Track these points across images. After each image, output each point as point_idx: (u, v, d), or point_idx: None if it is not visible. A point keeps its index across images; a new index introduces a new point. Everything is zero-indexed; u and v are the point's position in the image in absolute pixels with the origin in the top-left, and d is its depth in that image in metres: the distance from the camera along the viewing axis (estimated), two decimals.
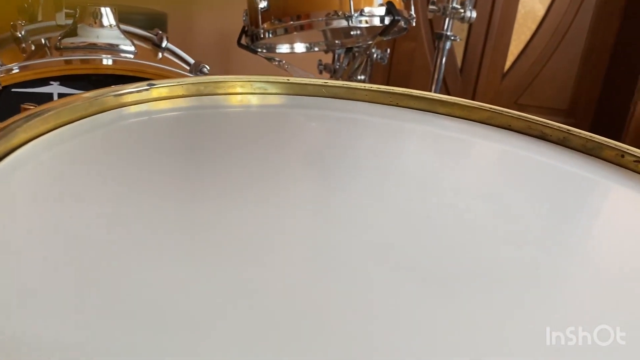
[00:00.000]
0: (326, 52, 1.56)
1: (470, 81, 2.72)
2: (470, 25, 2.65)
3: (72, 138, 0.37)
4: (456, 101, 0.58)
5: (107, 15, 0.96)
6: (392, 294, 0.24)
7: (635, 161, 0.49)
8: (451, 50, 2.58)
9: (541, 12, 2.73)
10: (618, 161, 0.50)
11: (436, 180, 0.41)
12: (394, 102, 0.58)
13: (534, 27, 2.78)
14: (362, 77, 1.52)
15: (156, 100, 0.46)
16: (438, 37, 1.58)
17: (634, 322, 0.25)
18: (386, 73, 2.61)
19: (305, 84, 0.55)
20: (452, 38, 1.59)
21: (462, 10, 1.49)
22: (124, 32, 1.01)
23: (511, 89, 2.73)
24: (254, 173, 0.37)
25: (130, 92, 0.45)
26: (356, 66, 1.42)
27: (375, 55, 1.46)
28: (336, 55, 1.58)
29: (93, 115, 0.42)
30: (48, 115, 0.37)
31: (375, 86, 0.59)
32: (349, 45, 1.50)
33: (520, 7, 2.66)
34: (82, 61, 0.92)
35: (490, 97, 2.67)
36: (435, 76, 1.65)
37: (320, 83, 0.56)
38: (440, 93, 0.60)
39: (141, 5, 1.65)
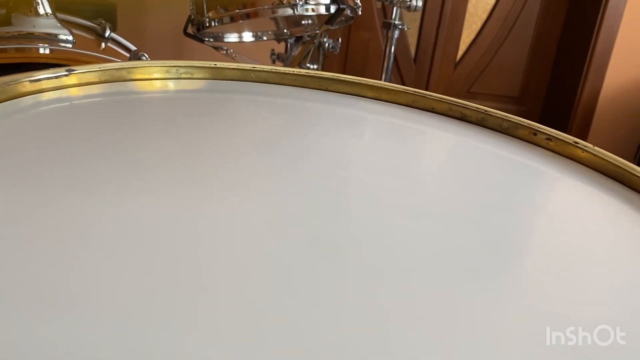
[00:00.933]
0: (277, 41, 1.56)
1: (423, 70, 2.75)
2: (423, 15, 2.69)
3: None
4: (382, 85, 0.59)
5: (43, 4, 0.94)
6: (288, 252, 0.25)
7: (546, 139, 0.52)
8: (404, 39, 2.61)
9: (492, 1, 2.79)
10: (531, 139, 0.53)
11: (353, 159, 0.43)
12: (323, 87, 0.60)
13: (484, 16, 2.84)
14: (315, 66, 1.53)
15: (75, 87, 0.46)
16: (386, 26, 1.60)
17: (514, 282, 0.27)
18: (342, 63, 2.62)
19: (233, 68, 0.55)
20: (400, 27, 1.61)
21: (408, 0, 1.51)
22: (62, 21, 0.99)
23: (463, 78, 2.78)
24: (170, 152, 0.37)
25: (47, 77, 0.45)
26: (305, 54, 1.43)
27: (327, 45, 1.47)
28: (288, 45, 1.59)
29: (10, 100, 0.42)
30: None
31: (304, 71, 0.60)
32: (298, 34, 1.50)
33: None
34: (17, 50, 0.90)
35: (443, 86, 2.72)
36: (385, 65, 1.67)
37: (249, 68, 0.57)
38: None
39: None
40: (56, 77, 0.46)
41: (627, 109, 2.59)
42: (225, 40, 1.42)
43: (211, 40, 1.37)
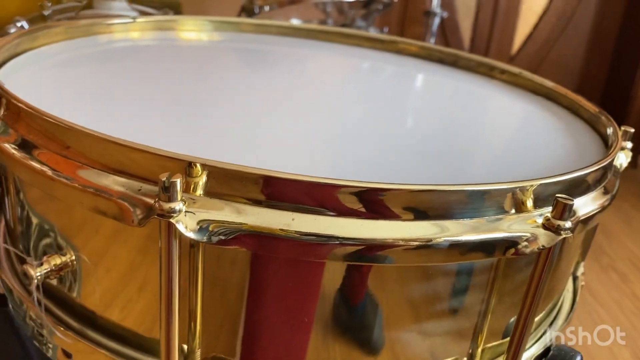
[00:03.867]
0: None
1: None
2: (477, 10, 2.74)
3: (76, 49, 0.56)
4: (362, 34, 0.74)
5: None
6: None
7: (500, 72, 0.65)
8: (457, 34, 2.68)
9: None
10: (489, 74, 0.66)
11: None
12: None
13: (540, 10, 2.84)
14: None
15: (137, 31, 0.65)
16: (426, 14, 1.71)
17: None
18: None
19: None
20: (441, 14, 1.72)
21: None
22: (133, 8, 1.20)
23: None
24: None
25: (118, 23, 0.63)
26: None
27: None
28: None
29: (90, 37, 0.60)
30: (58, 29, 0.55)
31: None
32: (341, 23, 1.65)
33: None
34: None
35: None
36: None
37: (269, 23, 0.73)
38: None
39: None
40: (124, 23, 0.64)
41: None
42: None
43: None
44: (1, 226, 0.47)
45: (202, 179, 0.30)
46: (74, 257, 0.37)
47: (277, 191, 0.29)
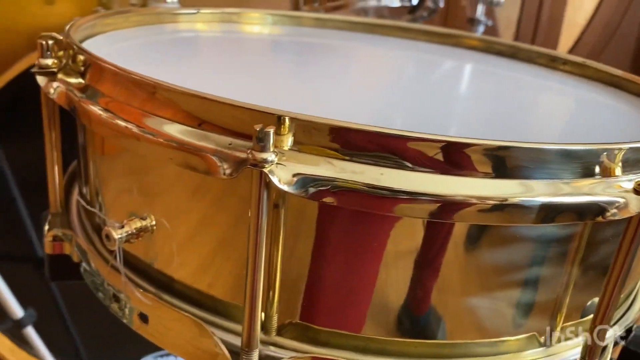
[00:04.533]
0: None
1: None
2: (519, 21, 2.72)
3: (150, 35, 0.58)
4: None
5: None
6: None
7: (563, 63, 0.64)
8: None
9: (591, 7, 2.75)
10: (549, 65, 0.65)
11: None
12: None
13: (583, 23, 2.80)
14: None
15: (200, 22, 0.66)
16: (470, 21, 1.71)
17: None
18: None
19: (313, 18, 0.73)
20: (485, 23, 1.71)
21: None
22: None
23: None
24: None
25: (183, 13, 0.65)
26: None
27: None
28: None
29: (156, 25, 0.62)
30: (129, 14, 0.57)
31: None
32: None
33: (569, 2, 2.70)
34: None
35: None
36: None
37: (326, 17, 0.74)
38: None
39: None
40: (188, 14, 0.65)
41: None
42: None
43: None
44: (75, 193, 0.48)
45: (291, 134, 0.30)
46: (154, 222, 0.38)
47: (362, 145, 0.29)
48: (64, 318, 1.12)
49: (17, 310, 0.94)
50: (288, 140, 0.30)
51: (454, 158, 0.29)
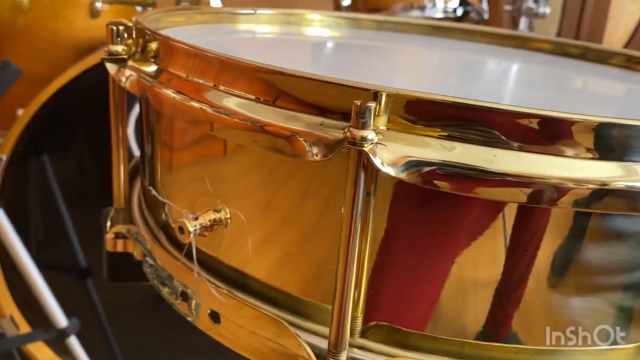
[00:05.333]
0: None
1: None
2: (559, 36, 2.67)
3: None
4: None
5: None
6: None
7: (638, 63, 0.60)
8: None
9: (633, 22, 2.69)
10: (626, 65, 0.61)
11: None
12: None
13: (625, 38, 2.74)
14: None
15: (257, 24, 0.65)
16: None
17: None
18: None
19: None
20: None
21: (534, 7, 1.59)
22: None
23: None
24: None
25: (241, 13, 0.64)
26: None
27: None
28: None
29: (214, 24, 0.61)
30: (191, 13, 0.56)
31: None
32: None
33: (610, 17, 2.65)
34: None
35: None
36: None
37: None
38: None
39: None
40: (246, 14, 0.64)
41: None
42: None
43: None
44: (136, 190, 0.46)
45: (387, 112, 0.27)
46: (228, 215, 0.35)
47: (467, 123, 0.27)
48: (105, 329, 1.11)
49: (61, 320, 0.93)
50: (384, 119, 0.27)
51: (561, 137, 0.27)
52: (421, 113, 0.27)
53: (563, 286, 0.31)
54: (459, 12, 1.38)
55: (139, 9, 1.31)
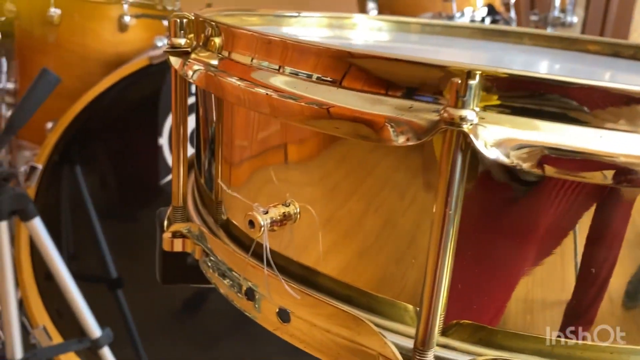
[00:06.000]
0: None
1: None
2: None
3: None
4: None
5: None
6: None
7: None
8: None
9: None
10: None
11: None
12: None
13: None
14: None
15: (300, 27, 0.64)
16: None
17: None
18: None
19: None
20: None
21: (561, 17, 1.57)
22: None
23: None
24: None
25: (285, 15, 0.63)
26: None
27: None
28: None
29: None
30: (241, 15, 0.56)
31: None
32: None
33: (632, 28, 2.62)
34: None
35: None
36: None
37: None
38: None
39: None
40: (290, 17, 0.64)
41: None
42: None
43: None
44: (192, 177, 0.45)
45: (480, 93, 0.26)
46: (297, 209, 0.34)
47: (568, 104, 0.25)
48: (135, 340, 1.10)
49: (95, 330, 0.92)
50: (477, 101, 0.26)
51: None
52: (518, 92, 0.26)
53: None
54: (487, 21, 1.37)
55: (165, 22, 1.32)
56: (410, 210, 0.30)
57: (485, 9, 1.37)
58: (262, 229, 0.33)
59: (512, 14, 1.46)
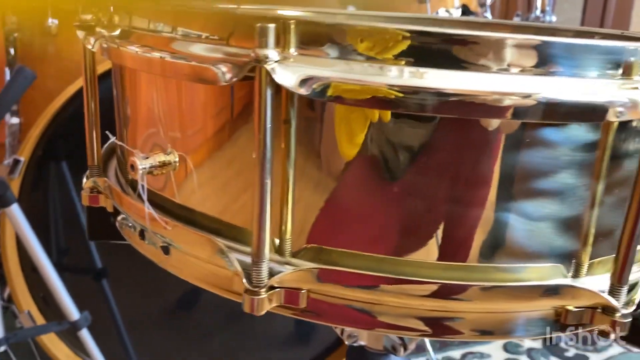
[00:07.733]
0: None
1: None
2: None
3: None
4: None
5: None
6: None
7: None
8: None
9: None
10: None
11: None
12: None
13: None
14: None
15: None
16: None
17: None
18: None
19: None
20: None
21: (540, 16, 1.62)
22: None
23: None
24: None
25: None
26: None
27: None
28: None
29: None
30: None
31: None
32: None
33: (631, 28, 2.63)
34: None
35: None
36: None
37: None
38: None
39: None
40: None
41: None
42: None
43: None
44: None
45: (295, 40, 0.31)
46: (177, 158, 0.39)
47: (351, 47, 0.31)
48: (120, 329, 1.15)
49: (74, 313, 0.98)
50: (292, 46, 0.31)
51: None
52: (312, 37, 0.31)
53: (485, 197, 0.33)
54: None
55: None
56: (249, 148, 0.35)
57: (460, 10, 1.41)
58: (141, 171, 0.38)
59: (488, 13, 1.49)
